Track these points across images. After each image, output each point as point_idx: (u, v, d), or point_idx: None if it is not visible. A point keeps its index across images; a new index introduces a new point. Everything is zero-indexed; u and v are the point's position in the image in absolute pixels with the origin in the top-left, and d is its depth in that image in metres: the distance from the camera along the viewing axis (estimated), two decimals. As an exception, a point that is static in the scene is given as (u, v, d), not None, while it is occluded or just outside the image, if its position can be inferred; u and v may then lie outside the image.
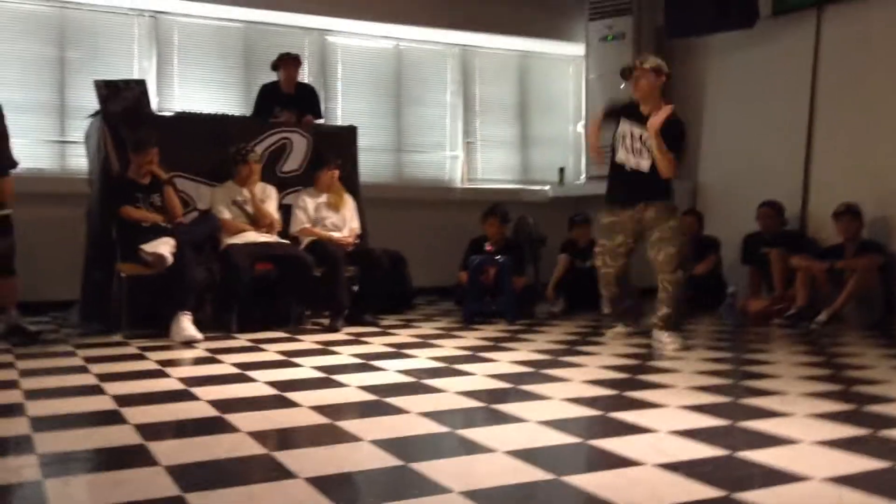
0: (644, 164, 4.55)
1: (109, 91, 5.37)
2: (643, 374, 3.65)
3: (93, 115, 5.53)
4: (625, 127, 4.62)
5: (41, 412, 2.86)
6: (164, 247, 4.82)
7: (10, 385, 3.35)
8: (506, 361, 3.97)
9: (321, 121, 6.45)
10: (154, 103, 5.99)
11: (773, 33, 6.80)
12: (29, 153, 6.29)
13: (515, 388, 3.34)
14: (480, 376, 3.57)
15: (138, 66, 6.68)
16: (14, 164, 4.83)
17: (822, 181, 6.47)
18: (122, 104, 5.37)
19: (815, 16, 6.52)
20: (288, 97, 6.23)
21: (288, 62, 6.24)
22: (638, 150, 4.56)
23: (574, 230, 6.56)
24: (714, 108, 7.43)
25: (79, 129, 6.06)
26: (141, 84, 5.60)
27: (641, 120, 4.54)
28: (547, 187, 8.18)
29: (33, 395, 3.15)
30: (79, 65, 6.46)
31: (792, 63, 6.69)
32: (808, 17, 6.57)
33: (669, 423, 2.69)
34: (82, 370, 3.73)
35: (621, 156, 4.63)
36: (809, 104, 6.58)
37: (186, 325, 4.65)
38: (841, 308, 5.46)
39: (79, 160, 6.10)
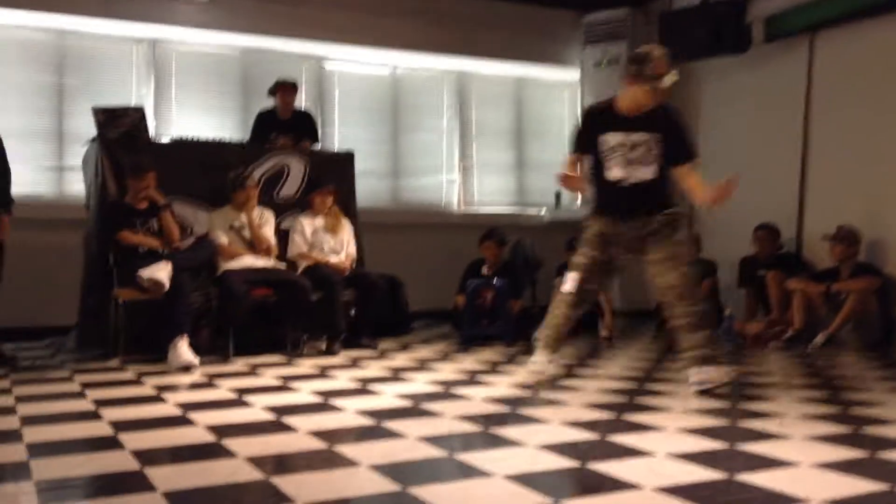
0: (647, 173, 3.90)
1: (107, 117, 5.40)
2: (641, 396, 3.64)
3: (91, 141, 5.55)
4: (614, 139, 3.93)
5: (38, 438, 2.85)
6: (162, 272, 4.82)
7: (7, 411, 3.34)
8: (504, 385, 3.97)
9: (318, 146, 6.49)
10: (152, 129, 6.00)
11: (767, 58, 6.87)
12: (27, 179, 6.30)
13: (513, 411, 3.33)
14: (478, 400, 3.57)
15: (136, 93, 6.72)
16: (11, 202, 4.88)
17: (818, 204, 6.50)
18: (120, 130, 5.40)
19: (808, 41, 6.59)
20: (284, 123, 6.27)
21: (284, 88, 6.29)
22: (638, 159, 3.90)
23: (570, 255, 6.56)
24: (709, 132, 7.47)
25: (77, 154, 6.08)
26: (139, 110, 5.64)
27: (631, 124, 3.91)
28: (543, 211, 8.21)
29: (30, 420, 3.14)
30: (77, 91, 6.49)
31: (786, 87, 6.75)
32: (800, 42, 6.64)
33: (668, 446, 2.69)
34: (79, 395, 3.72)
35: (617, 173, 3.93)
36: (804, 128, 6.63)
37: (183, 350, 4.64)
38: (837, 330, 5.47)
39: (76, 186, 6.11)
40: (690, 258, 3.94)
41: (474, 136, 8.14)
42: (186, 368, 4.52)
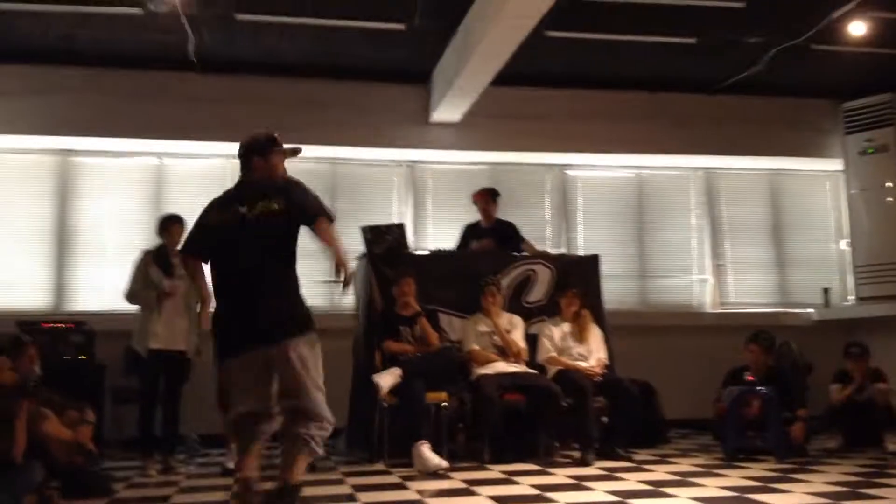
0: None
1: (374, 235, 5.90)
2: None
3: (359, 258, 6.07)
4: None
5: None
6: (389, 376, 5.08)
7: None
8: (781, 506, 3.62)
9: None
10: (411, 243, 6.43)
11: None
12: (304, 293, 6.98)
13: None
14: (752, 521, 3.28)
15: (397, 210, 7.29)
16: None
17: None
18: (385, 246, 5.87)
19: None
20: (486, 231, 6.37)
21: (483, 196, 6.40)
22: None
23: (848, 362, 5.93)
24: None
25: (346, 270, 6.65)
26: (400, 227, 6.10)
27: None
28: (810, 310, 7.58)
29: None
30: (347, 213, 7.17)
31: None
32: None
33: None
34: (351, 499, 3.95)
35: None
36: None
37: (427, 454, 4.70)
38: None
39: (345, 298, 6.65)
40: None
41: (726, 232, 7.83)
42: (435, 472, 4.58)
